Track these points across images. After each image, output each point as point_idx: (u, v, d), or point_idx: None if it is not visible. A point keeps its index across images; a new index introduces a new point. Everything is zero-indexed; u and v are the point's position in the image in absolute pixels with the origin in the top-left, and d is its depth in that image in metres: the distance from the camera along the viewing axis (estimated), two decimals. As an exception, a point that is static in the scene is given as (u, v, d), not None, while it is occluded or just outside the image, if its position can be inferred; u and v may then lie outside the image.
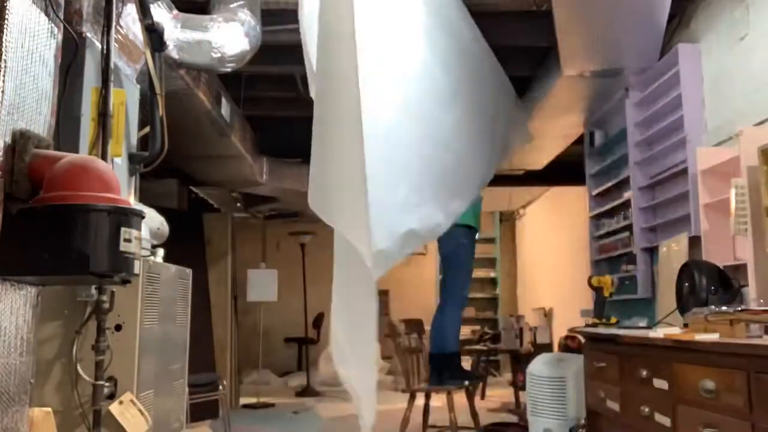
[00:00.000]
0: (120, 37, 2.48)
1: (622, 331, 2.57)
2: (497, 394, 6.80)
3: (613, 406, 2.52)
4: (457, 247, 4.22)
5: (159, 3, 2.83)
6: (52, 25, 1.81)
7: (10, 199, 1.58)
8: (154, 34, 2.49)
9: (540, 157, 5.69)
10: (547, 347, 6.34)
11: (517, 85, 4.80)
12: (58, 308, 2.07)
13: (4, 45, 1.54)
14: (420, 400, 4.32)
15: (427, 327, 4.56)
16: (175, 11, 3.04)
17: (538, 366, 4.09)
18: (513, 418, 5.06)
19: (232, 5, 3.35)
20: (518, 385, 5.83)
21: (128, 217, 1.69)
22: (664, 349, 2.06)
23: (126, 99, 2.31)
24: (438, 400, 6.06)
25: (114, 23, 2.25)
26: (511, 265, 9.90)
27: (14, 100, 1.59)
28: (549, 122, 4.65)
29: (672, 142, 3.41)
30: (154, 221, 2.53)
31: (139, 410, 2.10)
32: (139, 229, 1.74)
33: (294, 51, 4.57)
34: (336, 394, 7.17)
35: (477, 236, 4.37)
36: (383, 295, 9.55)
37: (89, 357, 2.03)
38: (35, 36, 1.70)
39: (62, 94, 1.97)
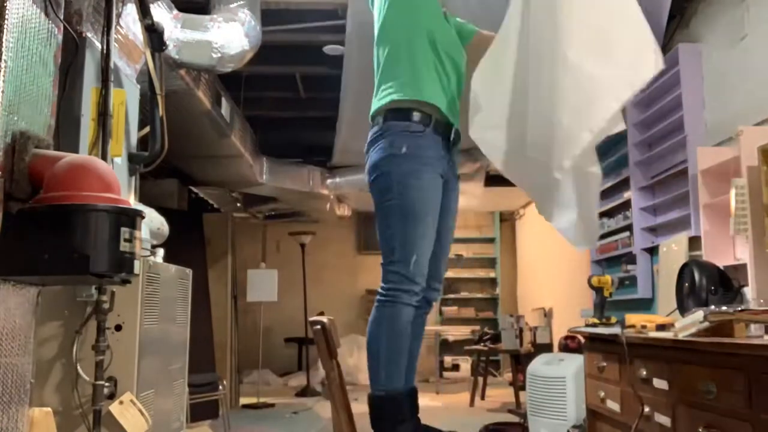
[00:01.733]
0: (120, 37, 2.48)
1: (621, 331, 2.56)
2: (497, 394, 6.80)
3: (613, 406, 2.52)
4: None
5: (159, 3, 2.83)
6: (52, 25, 1.81)
7: (10, 199, 1.58)
8: (154, 34, 2.49)
9: (540, 157, 5.68)
10: (547, 347, 6.34)
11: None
12: (58, 308, 2.07)
13: (4, 45, 1.54)
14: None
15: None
16: (175, 11, 3.04)
17: (538, 366, 4.09)
18: (513, 418, 5.06)
19: (232, 5, 3.36)
20: (518, 385, 5.83)
21: (128, 217, 1.69)
22: (664, 349, 2.06)
23: (126, 99, 2.31)
24: (437, 400, 6.07)
25: (114, 23, 2.25)
26: (511, 265, 9.89)
27: (14, 100, 1.59)
28: (549, 122, 4.64)
29: (672, 142, 3.41)
30: (154, 221, 2.53)
31: (139, 410, 2.10)
32: (139, 229, 1.74)
33: (294, 51, 4.60)
34: (336, 394, 7.17)
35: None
36: (383, 295, 9.55)
37: (89, 357, 2.03)
38: (35, 36, 1.70)
39: (62, 94, 1.97)
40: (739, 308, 1.91)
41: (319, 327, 1.68)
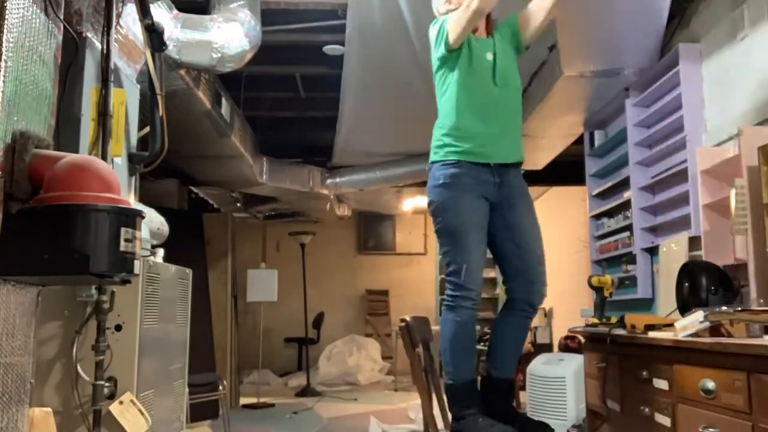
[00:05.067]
0: (120, 37, 2.48)
1: (621, 331, 2.57)
2: (497, 394, 6.78)
3: (613, 406, 2.52)
4: None
5: (159, 3, 2.83)
6: (52, 25, 1.81)
7: (10, 199, 1.58)
8: (154, 34, 2.49)
9: (540, 157, 5.68)
10: (547, 347, 6.34)
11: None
12: (58, 308, 2.07)
13: (4, 45, 1.54)
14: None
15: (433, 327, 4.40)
16: (175, 11, 3.04)
17: (538, 366, 4.09)
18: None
19: (232, 5, 3.35)
20: (518, 385, 5.83)
21: (128, 217, 1.69)
22: (664, 349, 2.06)
23: (126, 99, 2.31)
24: (438, 400, 6.03)
25: (114, 23, 2.25)
26: (511, 265, 9.87)
27: (14, 100, 1.59)
28: (549, 122, 4.65)
29: (672, 142, 3.41)
30: (154, 221, 2.53)
31: (139, 410, 2.10)
32: (139, 229, 1.74)
33: (294, 51, 4.60)
34: (336, 394, 7.17)
35: None
36: (383, 294, 9.55)
37: (89, 357, 2.03)
38: (35, 36, 1.70)
39: (62, 94, 1.97)
40: (739, 308, 1.91)
41: (403, 324, 2.12)
